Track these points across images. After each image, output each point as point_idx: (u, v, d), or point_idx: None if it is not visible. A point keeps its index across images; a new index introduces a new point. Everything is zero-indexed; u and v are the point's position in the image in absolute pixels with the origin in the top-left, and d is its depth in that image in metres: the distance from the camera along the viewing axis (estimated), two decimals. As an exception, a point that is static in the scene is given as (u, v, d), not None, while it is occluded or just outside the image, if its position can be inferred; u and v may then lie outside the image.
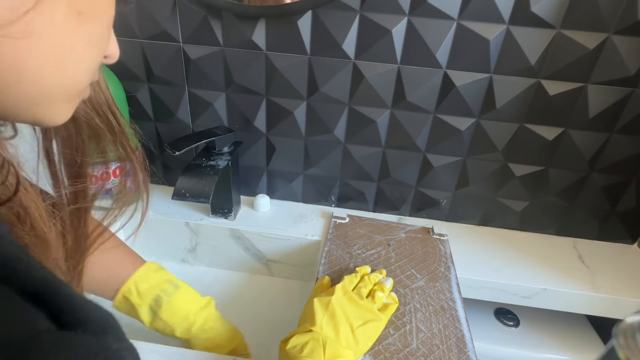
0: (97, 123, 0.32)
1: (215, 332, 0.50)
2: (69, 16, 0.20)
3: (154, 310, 0.47)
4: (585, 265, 0.70)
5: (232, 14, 0.61)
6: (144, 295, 0.47)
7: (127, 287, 0.47)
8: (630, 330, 0.25)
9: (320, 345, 0.42)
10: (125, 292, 0.47)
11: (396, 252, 0.65)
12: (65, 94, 0.23)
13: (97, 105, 0.31)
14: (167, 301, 0.47)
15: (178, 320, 0.48)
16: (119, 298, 0.47)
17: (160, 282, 0.48)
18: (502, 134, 0.67)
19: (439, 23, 0.59)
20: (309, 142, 0.72)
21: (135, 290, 0.47)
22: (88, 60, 0.23)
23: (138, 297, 0.47)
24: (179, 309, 0.48)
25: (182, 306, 0.48)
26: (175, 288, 0.49)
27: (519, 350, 0.68)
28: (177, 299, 0.48)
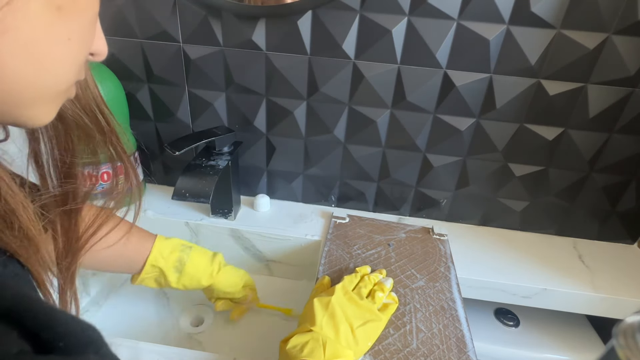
0: (85, 123, 0.31)
1: (229, 273, 0.59)
2: (47, 11, 0.20)
3: (179, 269, 0.55)
4: (585, 265, 0.70)
5: (232, 14, 0.61)
6: (168, 259, 0.54)
7: (154, 257, 0.53)
8: (630, 330, 0.25)
9: (320, 345, 0.42)
10: (152, 261, 0.53)
11: (396, 252, 0.65)
12: (49, 93, 0.23)
13: (86, 104, 0.30)
14: (188, 258, 0.55)
15: (201, 270, 0.56)
16: (147, 268, 0.53)
17: (177, 246, 0.56)
18: (502, 134, 0.67)
19: (439, 23, 0.59)
20: (309, 142, 0.72)
21: (160, 257, 0.54)
22: (71, 57, 0.23)
23: (165, 261, 0.54)
24: (199, 262, 0.56)
25: (201, 260, 0.57)
26: (189, 248, 0.57)
27: (519, 350, 0.68)
28: (195, 255, 0.56)
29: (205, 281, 0.57)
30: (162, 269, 0.54)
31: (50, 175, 0.32)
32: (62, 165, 0.32)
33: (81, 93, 0.30)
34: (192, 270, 0.56)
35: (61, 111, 0.29)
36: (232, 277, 0.60)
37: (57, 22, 0.20)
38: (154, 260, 0.53)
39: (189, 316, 0.65)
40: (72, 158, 0.32)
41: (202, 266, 0.57)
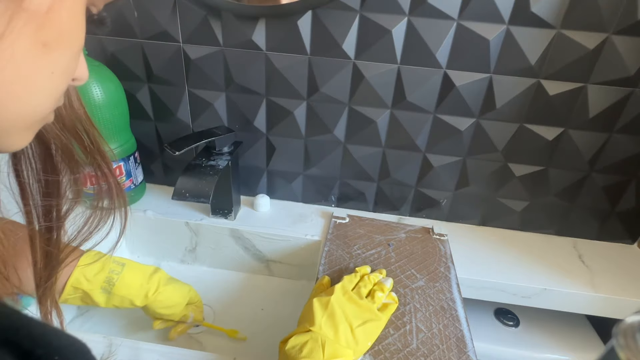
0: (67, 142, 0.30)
1: (169, 292, 0.56)
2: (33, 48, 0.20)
3: (108, 289, 0.51)
4: (585, 265, 0.70)
5: (232, 14, 0.61)
6: (94, 281, 0.50)
7: (75, 279, 0.49)
8: (630, 330, 0.25)
9: (319, 345, 0.42)
10: (74, 283, 0.49)
11: (396, 252, 0.65)
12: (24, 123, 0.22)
13: (70, 125, 0.30)
14: (119, 278, 0.52)
15: (134, 291, 0.53)
16: (68, 290, 0.49)
17: (105, 265, 0.52)
18: (502, 134, 0.67)
19: (439, 23, 0.59)
20: (309, 142, 0.72)
21: (84, 279, 0.50)
22: (52, 89, 0.22)
23: (89, 283, 0.50)
24: (132, 282, 0.53)
25: (134, 279, 0.53)
26: (122, 266, 0.53)
27: (519, 350, 0.68)
28: (128, 274, 0.53)
29: (139, 302, 0.53)
30: (86, 290, 0.50)
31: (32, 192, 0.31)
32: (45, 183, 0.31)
33: (64, 113, 0.29)
34: (123, 292, 0.52)
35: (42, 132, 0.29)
36: (173, 296, 0.56)
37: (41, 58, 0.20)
38: (76, 282, 0.49)
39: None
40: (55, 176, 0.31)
41: (135, 286, 0.53)
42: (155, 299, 0.54)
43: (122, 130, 0.68)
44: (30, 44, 0.19)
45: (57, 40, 0.21)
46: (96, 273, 0.51)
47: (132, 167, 0.71)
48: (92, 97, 0.61)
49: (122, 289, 0.52)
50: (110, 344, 0.47)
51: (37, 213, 0.32)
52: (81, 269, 0.50)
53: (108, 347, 0.47)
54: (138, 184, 0.74)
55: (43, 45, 0.20)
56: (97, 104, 0.61)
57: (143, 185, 0.77)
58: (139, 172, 0.74)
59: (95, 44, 0.66)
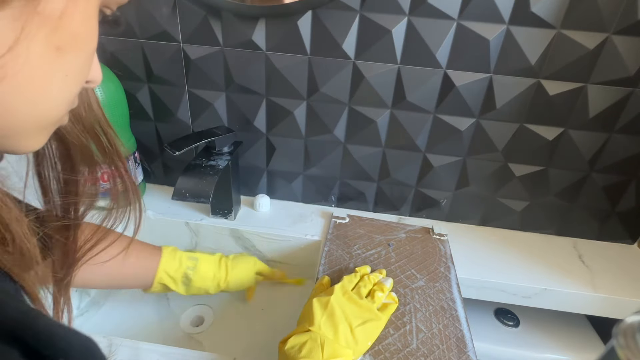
0: (88, 144, 0.31)
1: (237, 274, 0.62)
2: (47, 52, 0.20)
3: (186, 283, 0.58)
4: (585, 265, 0.70)
5: (232, 14, 0.61)
6: (175, 277, 0.57)
7: (160, 276, 0.56)
8: (630, 330, 0.25)
9: (318, 345, 0.42)
10: (159, 280, 0.56)
11: (396, 252, 0.65)
12: (39, 125, 0.22)
13: (89, 126, 0.31)
14: (194, 273, 0.58)
15: (208, 282, 0.60)
16: (156, 285, 0.57)
17: (182, 262, 0.58)
18: (502, 134, 0.67)
19: (439, 23, 0.59)
20: (309, 142, 0.72)
21: (166, 276, 0.57)
22: (66, 92, 0.23)
23: (171, 280, 0.57)
24: (206, 275, 0.59)
25: (207, 272, 0.59)
26: (195, 261, 0.59)
27: (519, 350, 0.68)
28: (201, 269, 0.59)
29: (213, 290, 0.60)
30: (169, 285, 0.57)
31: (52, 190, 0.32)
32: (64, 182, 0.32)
33: (84, 115, 0.30)
34: (199, 284, 0.59)
35: (64, 134, 0.30)
36: (241, 276, 0.63)
37: (55, 62, 0.20)
38: (160, 279, 0.56)
39: (189, 316, 0.65)
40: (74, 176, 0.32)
41: (209, 278, 0.59)
42: (227, 285, 0.61)
43: (122, 130, 0.68)
44: (44, 48, 0.19)
45: (70, 44, 0.21)
46: (176, 269, 0.57)
47: (132, 167, 0.71)
48: (92, 97, 0.61)
49: (198, 282, 0.58)
50: (110, 344, 0.47)
51: (56, 211, 0.33)
52: (163, 266, 0.56)
53: (108, 347, 0.47)
54: (138, 184, 0.74)
55: (56, 49, 0.20)
56: (97, 104, 0.61)
57: (143, 185, 0.77)
58: (139, 172, 0.74)
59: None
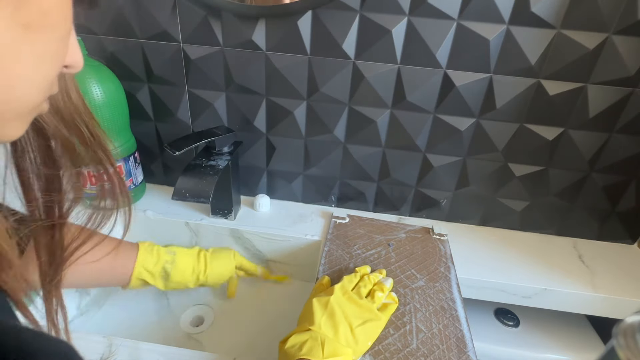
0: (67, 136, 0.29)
1: (216, 267, 0.62)
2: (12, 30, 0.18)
3: (165, 278, 0.58)
4: (585, 265, 0.70)
5: (232, 14, 0.61)
6: (153, 271, 0.57)
7: (138, 271, 0.56)
8: (630, 330, 0.25)
9: (318, 344, 0.42)
10: (137, 275, 0.56)
11: (396, 252, 0.65)
12: (17, 111, 0.21)
13: (69, 117, 0.29)
14: (173, 268, 0.58)
15: (187, 276, 0.60)
16: (134, 281, 0.56)
17: (160, 256, 0.58)
18: (502, 134, 0.67)
19: (439, 23, 0.59)
20: (309, 142, 0.72)
21: (145, 271, 0.56)
22: (40, 75, 0.21)
23: (149, 275, 0.57)
24: (184, 269, 0.59)
25: (186, 266, 0.60)
26: (173, 255, 0.59)
27: (519, 350, 0.68)
28: (179, 263, 0.59)
29: (192, 284, 0.61)
30: (148, 280, 0.57)
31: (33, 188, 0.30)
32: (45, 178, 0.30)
33: (63, 105, 0.28)
34: (178, 278, 0.59)
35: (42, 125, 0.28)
36: (220, 269, 0.63)
37: (25, 41, 0.19)
38: (139, 274, 0.56)
39: (189, 316, 0.65)
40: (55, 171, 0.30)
41: (188, 272, 0.60)
42: (207, 279, 0.61)
43: (122, 130, 0.68)
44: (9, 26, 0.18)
45: (40, 22, 0.19)
46: (154, 264, 0.57)
47: (132, 167, 0.71)
48: (92, 97, 0.61)
49: (177, 276, 0.58)
50: (110, 344, 0.47)
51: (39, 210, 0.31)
52: (141, 262, 0.56)
53: (108, 347, 0.47)
54: (138, 184, 0.74)
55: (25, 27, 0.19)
56: (97, 104, 0.61)
57: (143, 185, 0.77)
58: (139, 172, 0.74)
59: (95, 44, 0.66)
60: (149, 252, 0.57)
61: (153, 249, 0.58)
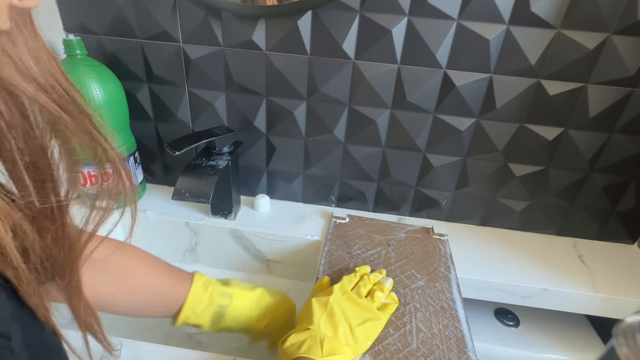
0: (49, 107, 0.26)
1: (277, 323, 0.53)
2: None
3: (217, 322, 0.49)
4: (585, 265, 0.70)
5: (232, 14, 0.62)
6: (202, 316, 0.48)
7: (185, 314, 0.47)
8: (630, 330, 0.25)
9: (317, 343, 0.42)
10: (184, 318, 0.48)
11: (396, 252, 0.65)
12: None
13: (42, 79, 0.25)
14: (227, 313, 0.49)
15: (241, 325, 0.50)
16: (180, 322, 0.48)
17: (213, 298, 0.49)
18: (502, 134, 0.67)
19: (439, 23, 0.59)
20: (309, 142, 0.72)
21: (193, 315, 0.48)
22: None
23: (197, 318, 0.48)
24: (240, 316, 0.50)
25: (242, 313, 0.50)
26: (229, 299, 0.50)
27: (519, 350, 0.68)
28: (235, 309, 0.50)
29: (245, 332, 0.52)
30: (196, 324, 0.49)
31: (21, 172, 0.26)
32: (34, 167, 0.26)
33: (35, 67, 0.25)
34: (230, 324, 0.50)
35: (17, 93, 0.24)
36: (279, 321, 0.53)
37: None
38: (186, 317, 0.48)
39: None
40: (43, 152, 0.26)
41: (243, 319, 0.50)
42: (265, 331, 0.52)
43: (122, 130, 0.68)
44: None
45: None
46: (204, 308, 0.48)
47: (132, 167, 0.71)
48: (92, 97, 0.61)
49: (228, 323, 0.50)
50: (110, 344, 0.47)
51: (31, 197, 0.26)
52: (190, 305, 0.47)
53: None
54: (138, 184, 0.74)
55: None
56: (97, 104, 0.61)
57: (143, 185, 0.77)
58: (139, 172, 0.74)
59: (95, 44, 0.66)
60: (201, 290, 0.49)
61: (207, 287, 0.49)
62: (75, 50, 0.60)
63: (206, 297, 0.48)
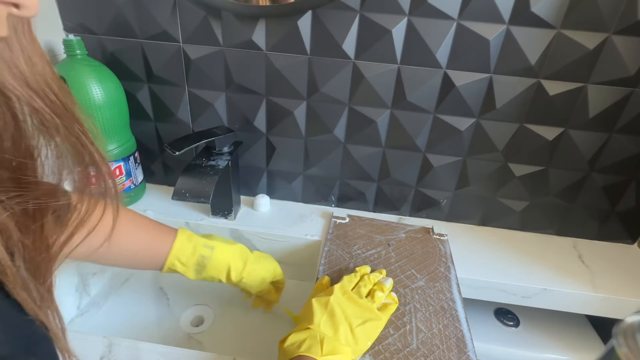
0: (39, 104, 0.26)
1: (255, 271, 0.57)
2: None
3: (199, 270, 0.54)
4: (585, 265, 0.70)
5: (232, 14, 0.62)
6: (187, 263, 0.54)
7: (171, 262, 0.53)
8: (630, 330, 0.25)
9: (317, 342, 0.42)
10: (170, 265, 0.53)
11: (396, 252, 0.65)
12: None
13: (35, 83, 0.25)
14: (209, 262, 0.54)
15: (222, 272, 0.56)
16: (166, 269, 0.53)
17: (196, 249, 0.54)
18: (502, 134, 0.67)
19: (439, 23, 0.59)
20: (309, 142, 0.72)
21: (178, 262, 0.53)
22: None
23: (182, 266, 0.53)
24: (220, 265, 0.55)
25: (222, 262, 0.55)
26: (211, 250, 0.55)
27: (519, 350, 0.68)
28: (216, 259, 0.55)
29: (225, 280, 0.57)
30: (181, 272, 0.54)
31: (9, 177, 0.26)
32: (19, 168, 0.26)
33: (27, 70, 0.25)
34: (212, 272, 0.55)
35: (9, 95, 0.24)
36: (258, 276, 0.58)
37: None
38: (172, 265, 0.53)
39: (189, 316, 0.65)
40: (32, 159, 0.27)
41: (223, 268, 0.55)
42: (240, 280, 0.57)
43: (122, 130, 0.68)
44: None
45: None
46: (189, 257, 0.53)
47: (132, 167, 0.71)
48: (92, 97, 0.61)
49: (210, 271, 0.55)
50: (110, 344, 0.47)
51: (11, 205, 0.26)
52: (175, 253, 0.52)
53: (108, 347, 0.47)
54: (138, 184, 0.74)
55: None
56: (97, 104, 0.61)
57: (143, 185, 0.77)
58: (139, 172, 0.74)
59: (95, 44, 0.66)
60: (186, 243, 0.54)
61: (191, 241, 0.54)
62: (75, 50, 0.60)
63: (190, 247, 0.53)
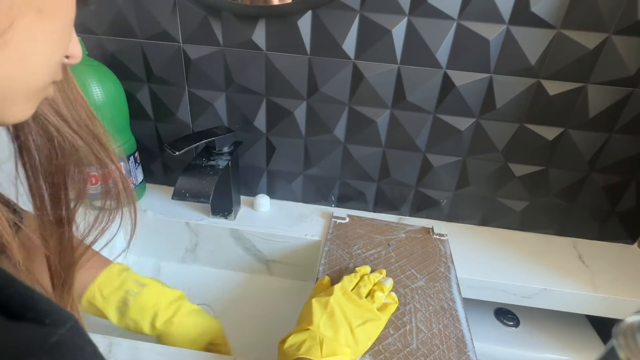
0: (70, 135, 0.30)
1: (186, 325, 0.48)
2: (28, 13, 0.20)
3: (122, 310, 0.47)
4: (585, 265, 0.70)
5: (232, 14, 0.61)
6: (108, 299, 0.47)
7: (91, 293, 0.46)
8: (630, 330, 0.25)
9: (317, 343, 0.42)
10: (89, 297, 0.46)
11: (396, 252, 0.65)
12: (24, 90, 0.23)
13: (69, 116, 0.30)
14: (134, 300, 0.47)
15: (147, 316, 0.47)
16: (84, 304, 0.46)
17: (125, 283, 0.48)
18: (502, 134, 0.67)
19: (439, 23, 0.59)
20: (309, 142, 0.72)
21: (99, 295, 0.46)
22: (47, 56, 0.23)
23: (103, 301, 0.47)
24: (146, 306, 0.47)
25: (149, 304, 0.47)
26: (141, 287, 0.48)
27: (519, 350, 0.68)
28: (145, 297, 0.47)
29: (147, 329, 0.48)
30: (100, 308, 0.47)
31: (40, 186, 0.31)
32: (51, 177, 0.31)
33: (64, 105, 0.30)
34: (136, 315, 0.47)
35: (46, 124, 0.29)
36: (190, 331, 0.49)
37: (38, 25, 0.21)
38: (91, 297, 0.46)
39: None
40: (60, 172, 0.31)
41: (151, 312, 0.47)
42: (167, 329, 0.47)
43: (122, 130, 0.68)
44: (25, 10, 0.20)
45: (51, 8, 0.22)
46: (113, 291, 0.47)
47: (132, 167, 0.71)
48: (92, 97, 0.61)
49: (134, 312, 0.47)
50: (110, 344, 0.47)
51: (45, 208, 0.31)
52: (98, 284, 0.46)
53: (108, 347, 0.47)
54: (138, 184, 0.74)
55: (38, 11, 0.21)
56: (97, 104, 0.61)
57: (143, 185, 0.77)
58: (139, 172, 0.74)
59: (95, 44, 0.66)
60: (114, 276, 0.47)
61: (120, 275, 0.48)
62: (75, 50, 0.60)
63: (117, 280, 0.47)
